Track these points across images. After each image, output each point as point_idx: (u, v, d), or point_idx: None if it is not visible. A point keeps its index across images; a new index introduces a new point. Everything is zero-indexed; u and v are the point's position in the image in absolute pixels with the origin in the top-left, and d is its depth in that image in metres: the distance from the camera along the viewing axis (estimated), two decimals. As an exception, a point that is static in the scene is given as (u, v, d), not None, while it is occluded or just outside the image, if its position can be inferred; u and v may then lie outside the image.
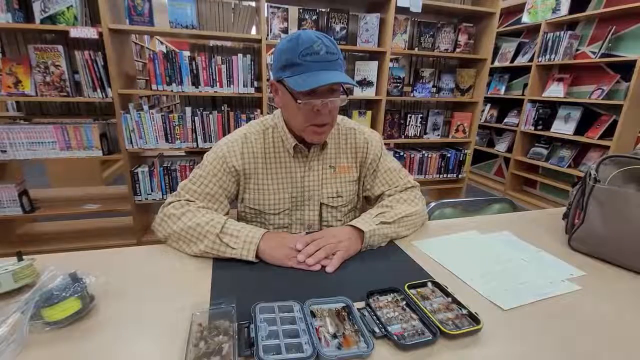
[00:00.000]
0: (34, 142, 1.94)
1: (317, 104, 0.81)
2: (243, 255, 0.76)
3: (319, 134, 0.88)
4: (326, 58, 0.78)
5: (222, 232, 0.78)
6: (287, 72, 0.80)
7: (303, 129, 0.88)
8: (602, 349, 0.57)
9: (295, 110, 0.85)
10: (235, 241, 0.77)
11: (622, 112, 2.66)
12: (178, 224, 0.81)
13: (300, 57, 0.77)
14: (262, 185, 0.95)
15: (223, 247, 0.77)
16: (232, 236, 0.78)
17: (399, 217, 0.90)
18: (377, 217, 0.88)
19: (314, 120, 0.85)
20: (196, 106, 2.25)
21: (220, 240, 0.77)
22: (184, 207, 0.85)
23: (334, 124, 0.93)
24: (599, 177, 0.84)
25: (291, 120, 0.90)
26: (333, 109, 0.86)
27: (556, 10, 3.15)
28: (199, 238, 0.78)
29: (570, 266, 0.81)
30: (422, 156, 2.69)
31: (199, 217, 0.81)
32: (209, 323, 0.55)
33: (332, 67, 0.79)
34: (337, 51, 0.81)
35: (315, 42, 0.77)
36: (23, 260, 0.68)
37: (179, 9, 1.95)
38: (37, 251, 1.02)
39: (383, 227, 0.86)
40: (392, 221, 0.88)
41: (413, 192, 1.00)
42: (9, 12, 1.75)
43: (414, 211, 0.94)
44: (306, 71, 0.78)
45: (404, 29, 2.38)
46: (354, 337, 0.55)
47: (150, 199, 2.19)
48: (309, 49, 0.77)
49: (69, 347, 0.53)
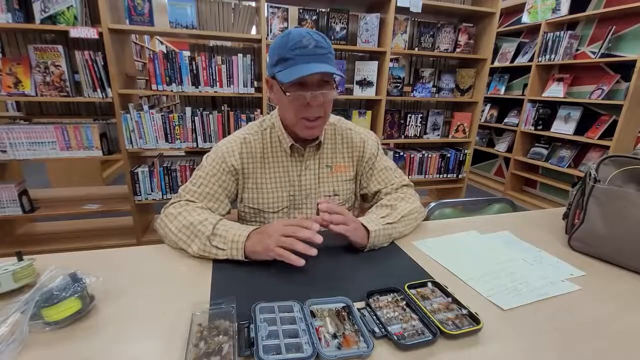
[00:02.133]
0: (34, 142, 1.94)
1: (306, 96, 0.83)
2: (233, 255, 0.76)
3: (311, 128, 0.89)
4: (314, 52, 0.80)
5: (212, 234, 0.78)
6: (278, 67, 0.83)
7: (295, 123, 0.89)
8: (602, 349, 0.57)
9: (287, 104, 0.87)
10: (224, 242, 0.77)
11: (622, 112, 2.66)
12: (174, 223, 0.82)
13: (290, 51, 0.80)
14: (260, 184, 0.97)
15: (214, 250, 0.77)
16: (220, 237, 0.78)
17: (402, 216, 0.91)
18: (382, 218, 0.89)
19: (305, 114, 0.86)
20: (196, 106, 2.25)
21: (210, 242, 0.77)
22: (182, 207, 0.86)
23: (327, 118, 0.94)
24: (599, 177, 0.84)
25: (284, 115, 0.92)
26: (325, 102, 0.86)
27: (556, 10, 3.15)
28: (191, 238, 0.79)
29: (570, 266, 0.81)
30: (422, 156, 2.69)
31: (194, 216, 0.82)
32: (209, 323, 0.55)
33: (320, 60, 0.81)
34: (326, 45, 0.82)
35: (305, 37, 0.80)
36: (23, 260, 0.68)
37: (179, 9, 1.96)
38: (37, 251, 1.02)
39: (388, 227, 0.87)
40: (396, 220, 0.90)
41: (409, 190, 1.04)
42: (9, 12, 1.75)
43: (414, 208, 0.96)
44: (294, 64, 0.80)
45: (404, 29, 2.38)
46: (354, 337, 0.55)
47: (150, 199, 2.19)
48: (298, 43, 0.79)
49: (69, 347, 0.53)
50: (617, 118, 2.74)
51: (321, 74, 0.82)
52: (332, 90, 0.86)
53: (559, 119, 3.22)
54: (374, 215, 0.91)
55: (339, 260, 0.81)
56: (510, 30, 3.82)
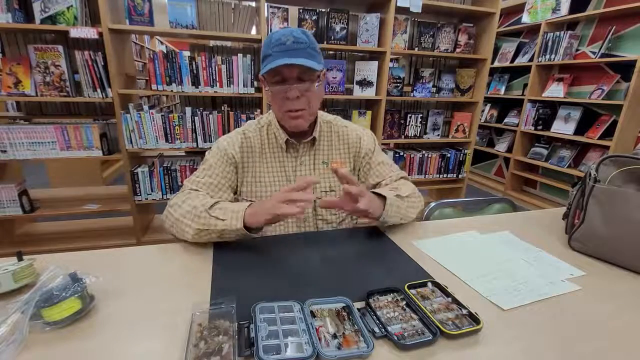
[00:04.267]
0: (34, 142, 1.94)
1: (282, 89, 0.87)
2: (232, 225, 0.78)
3: (294, 118, 0.92)
4: (291, 47, 0.83)
5: (211, 208, 0.82)
6: (263, 64, 0.88)
7: (281, 116, 0.94)
8: (602, 349, 0.57)
9: (272, 99, 0.93)
10: (224, 213, 0.80)
11: (622, 112, 2.66)
12: (179, 211, 0.85)
13: (270, 49, 0.85)
14: (258, 178, 1.00)
15: (213, 220, 0.79)
16: (221, 209, 0.81)
17: (408, 195, 0.95)
18: (392, 191, 0.92)
19: (287, 107, 0.89)
20: (196, 106, 2.25)
21: (209, 214, 0.80)
22: (185, 195, 0.89)
23: (313, 112, 0.96)
24: (599, 177, 0.84)
25: (273, 109, 0.98)
26: (308, 95, 0.89)
27: (556, 10, 3.15)
28: (194, 220, 0.81)
29: (570, 266, 0.81)
30: (422, 156, 2.69)
31: (197, 201, 0.85)
32: (209, 323, 0.55)
33: (295, 55, 0.83)
34: (306, 40, 0.85)
35: (284, 35, 0.84)
36: (23, 260, 0.68)
37: (179, 9, 1.95)
38: (37, 251, 1.02)
39: (399, 200, 0.91)
40: (405, 196, 0.93)
41: (408, 181, 1.07)
42: (9, 12, 1.75)
43: (414, 192, 1.00)
44: (272, 60, 0.84)
45: (404, 29, 2.37)
46: (354, 337, 0.55)
47: (150, 199, 2.19)
48: (278, 40, 0.84)
49: (69, 347, 0.53)
50: (617, 118, 2.74)
51: (299, 68, 0.84)
52: (310, 83, 0.88)
53: (559, 119, 3.22)
54: (383, 188, 0.94)
55: (339, 260, 0.81)
56: (510, 30, 3.82)
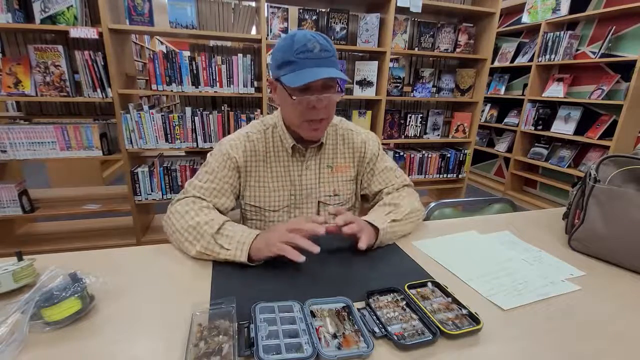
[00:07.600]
0: (34, 142, 1.94)
1: (311, 100, 0.83)
2: (236, 256, 0.75)
3: (315, 129, 0.90)
4: (319, 55, 0.80)
5: (217, 233, 0.78)
6: (283, 70, 0.82)
7: (299, 125, 0.90)
8: (602, 349, 0.57)
9: (291, 107, 0.87)
10: (230, 242, 0.77)
11: (622, 112, 2.66)
12: (181, 222, 0.82)
13: (295, 55, 0.79)
14: (262, 182, 0.98)
15: (217, 248, 0.76)
16: (227, 237, 0.78)
17: (406, 214, 0.93)
18: (387, 215, 0.91)
19: (309, 116, 0.86)
20: (196, 106, 2.25)
21: (215, 241, 0.77)
22: (188, 205, 0.85)
23: (330, 120, 0.95)
24: (599, 177, 0.84)
25: (288, 116, 0.93)
26: (329, 104, 0.87)
27: (556, 10, 3.14)
28: (197, 238, 0.78)
29: (570, 266, 0.81)
30: (422, 156, 2.69)
31: (201, 216, 0.82)
32: (209, 323, 0.55)
33: (325, 64, 0.81)
34: (331, 49, 0.83)
35: (310, 41, 0.80)
36: (23, 260, 0.68)
37: (179, 9, 1.95)
38: (37, 251, 1.02)
39: (394, 225, 0.89)
40: (401, 218, 0.91)
41: (410, 190, 1.06)
42: (9, 12, 1.75)
43: (416, 207, 0.98)
44: (300, 68, 0.80)
45: (404, 29, 2.37)
46: (354, 337, 0.55)
47: (150, 199, 2.19)
48: (303, 46, 0.79)
49: (69, 347, 0.53)
50: (617, 118, 2.74)
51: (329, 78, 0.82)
52: (336, 93, 0.87)
53: (559, 119, 3.22)
54: (378, 213, 0.92)
55: (339, 260, 0.81)
56: (510, 30, 3.81)
